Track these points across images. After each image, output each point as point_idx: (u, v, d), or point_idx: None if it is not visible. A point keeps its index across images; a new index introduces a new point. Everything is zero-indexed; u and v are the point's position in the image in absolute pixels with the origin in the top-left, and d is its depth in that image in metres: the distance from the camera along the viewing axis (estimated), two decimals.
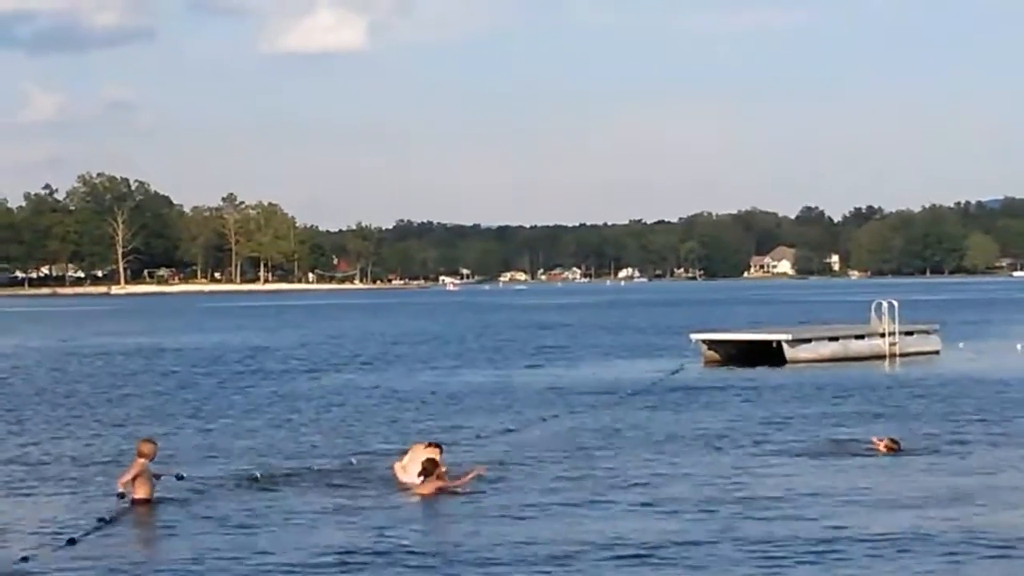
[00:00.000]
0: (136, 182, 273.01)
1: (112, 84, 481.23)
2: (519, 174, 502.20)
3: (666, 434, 27.25)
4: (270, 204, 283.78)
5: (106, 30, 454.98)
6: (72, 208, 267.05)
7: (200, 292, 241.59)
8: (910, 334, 50.46)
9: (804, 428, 28.07)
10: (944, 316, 70.83)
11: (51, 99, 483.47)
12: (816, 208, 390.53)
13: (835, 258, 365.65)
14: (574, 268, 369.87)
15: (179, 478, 20.55)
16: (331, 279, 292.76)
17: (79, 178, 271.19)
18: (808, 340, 48.23)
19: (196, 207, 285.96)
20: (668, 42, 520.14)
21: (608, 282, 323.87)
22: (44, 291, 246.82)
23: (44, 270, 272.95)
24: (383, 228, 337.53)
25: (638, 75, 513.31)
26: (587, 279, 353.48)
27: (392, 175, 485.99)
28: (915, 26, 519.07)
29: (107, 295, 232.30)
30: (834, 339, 48.90)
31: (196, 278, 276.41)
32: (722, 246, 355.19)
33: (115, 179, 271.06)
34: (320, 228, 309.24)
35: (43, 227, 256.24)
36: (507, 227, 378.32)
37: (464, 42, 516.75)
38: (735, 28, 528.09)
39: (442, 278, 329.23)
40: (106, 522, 18.16)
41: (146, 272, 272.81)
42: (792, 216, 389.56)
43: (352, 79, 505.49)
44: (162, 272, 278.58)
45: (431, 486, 19.98)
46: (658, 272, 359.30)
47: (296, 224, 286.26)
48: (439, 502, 19.54)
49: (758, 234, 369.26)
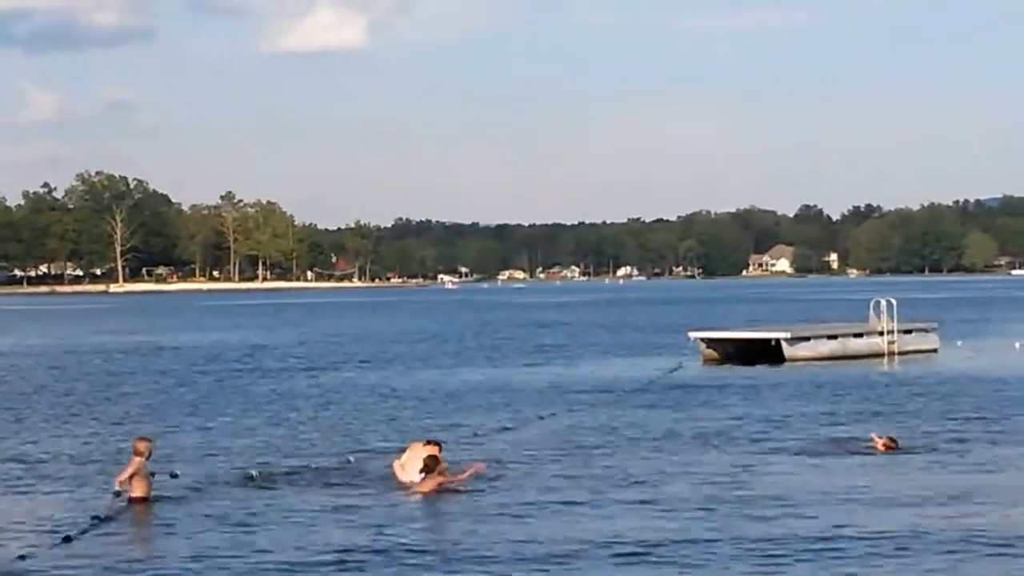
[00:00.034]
0: (135, 180, 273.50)
1: (111, 83, 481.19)
2: (518, 173, 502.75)
3: (664, 432, 27.24)
4: (269, 202, 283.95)
5: (105, 29, 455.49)
6: (71, 206, 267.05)
7: (198, 290, 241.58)
8: (909, 332, 50.50)
9: (803, 426, 28.06)
10: (943, 314, 70.89)
11: (49, 98, 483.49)
12: (815, 206, 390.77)
13: (834, 256, 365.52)
14: (573, 267, 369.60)
15: (173, 476, 20.49)
16: (330, 277, 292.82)
17: (78, 176, 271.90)
18: (807, 338, 48.26)
19: (195, 205, 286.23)
20: (668, 42, 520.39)
21: (607, 280, 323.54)
22: (43, 289, 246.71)
23: (43, 268, 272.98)
24: (382, 226, 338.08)
25: (638, 75, 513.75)
26: (586, 278, 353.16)
27: (391, 174, 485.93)
28: (915, 26, 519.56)
29: (106, 293, 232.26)
30: (833, 337, 48.94)
31: (194, 276, 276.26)
32: (721, 245, 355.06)
33: (114, 178, 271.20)
34: (319, 226, 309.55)
35: (42, 225, 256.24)
36: (506, 226, 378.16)
37: (464, 41, 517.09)
38: (735, 28, 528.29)
39: (441, 276, 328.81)
40: (103, 520, 18.15)
41: (144, 270, 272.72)
42: (791, 214, 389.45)
43: (352, 78, 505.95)
44: (160, 270, 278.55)
45: (429, 483, 19.97)
46: (657, 271, 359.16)
47: (295, 222, 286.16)
48: (438, 500, 19.52)
49: (757, 232, 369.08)
